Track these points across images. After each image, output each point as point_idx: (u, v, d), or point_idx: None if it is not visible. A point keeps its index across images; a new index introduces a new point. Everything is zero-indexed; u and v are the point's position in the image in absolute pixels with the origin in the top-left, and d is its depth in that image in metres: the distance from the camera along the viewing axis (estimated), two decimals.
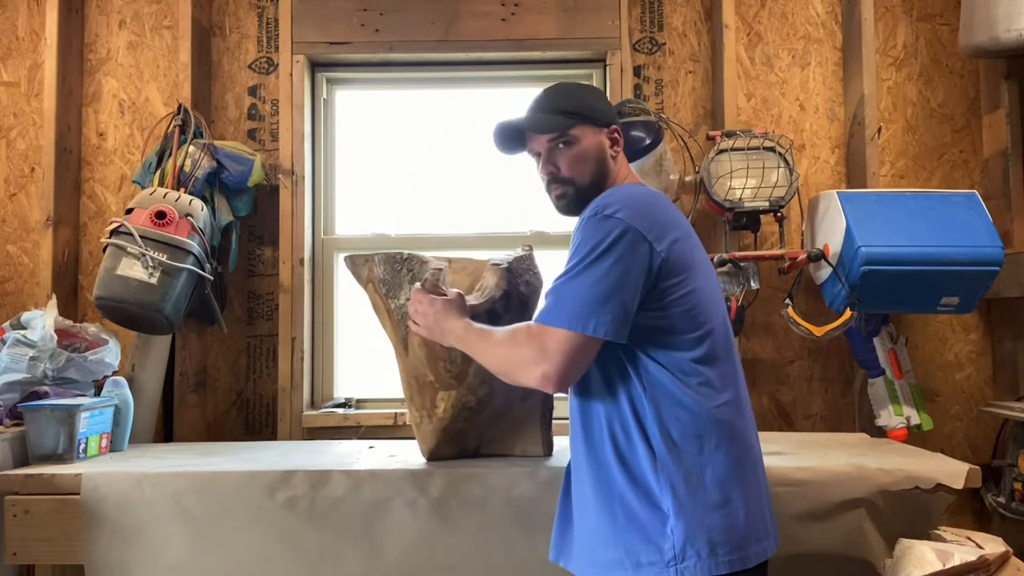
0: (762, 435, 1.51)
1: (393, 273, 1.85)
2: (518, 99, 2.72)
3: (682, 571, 1.28)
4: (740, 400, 1.41)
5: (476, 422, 1.88)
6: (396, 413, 2.47)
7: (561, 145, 1.50)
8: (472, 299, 1.74)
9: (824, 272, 2.29)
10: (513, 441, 1.90)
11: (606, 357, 1.38)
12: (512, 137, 1.56)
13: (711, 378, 1.36)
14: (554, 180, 1.51)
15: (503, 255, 1.87)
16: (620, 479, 1.35)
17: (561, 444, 2.03)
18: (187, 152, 2.38)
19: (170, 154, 2.39)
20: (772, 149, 2.34)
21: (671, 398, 1.34)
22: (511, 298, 1.79)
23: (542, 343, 1.35)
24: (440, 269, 1.79)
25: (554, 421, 2.02)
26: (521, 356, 1.39)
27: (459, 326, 1.55)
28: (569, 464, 1.54)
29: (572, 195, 1.50)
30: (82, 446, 1.94)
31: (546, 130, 1.50)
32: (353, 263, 1.91)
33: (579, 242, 1.37)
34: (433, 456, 1.89)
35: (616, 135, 1.53)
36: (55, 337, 2.13)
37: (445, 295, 1.62)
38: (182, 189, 2.33)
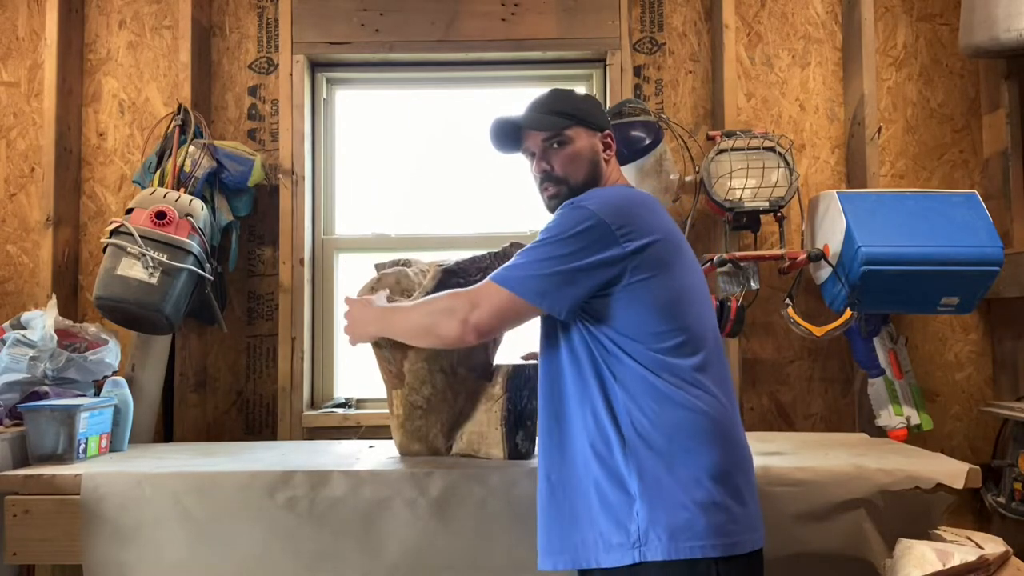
0: (762, 435, 1.52)
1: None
2: (518, 99, 2.73)
3: (644, 553, 1.32)
4: (719, 395, 1.42)
5: (434, 421, 1.91)
6: None
7: (556, 144, 1.55)
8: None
9: (824, 272, 2.29)
10: (477, 443, 1.90)
11: (579, 346, 1.44)
12: (508, 135, 1.61)
13: (684, 372, 1.39)
14: (547, 179, 1.57)
15: (471, 255, 1.89)
16: (594, 464, 1.40)
17: None
18: (187, 152, 2.38)
19: (170, 154, 2.39)
20: (772, 149, 2.34)
21: (642, 388, 1.38)
22: None
23: (475, 296, 1.46)
24: (387, 273, 1.87)
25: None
26: (443, 307, 1.50)
27: (374, 313, 1.67)
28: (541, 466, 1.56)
29: (564, 195, 1.55)
30: (82, 446, 1.94)
31: (542, 128, 1.56)
32: (376, 269, 1.98)
33: (551, 222, 1.46)
34: (403, 451, 1.95)
35: (609, 140, 1.59)
36: (55, 337, 2.13)
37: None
38: (182, 189, 2.33)
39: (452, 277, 1.81)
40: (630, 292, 1.40)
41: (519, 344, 2.00)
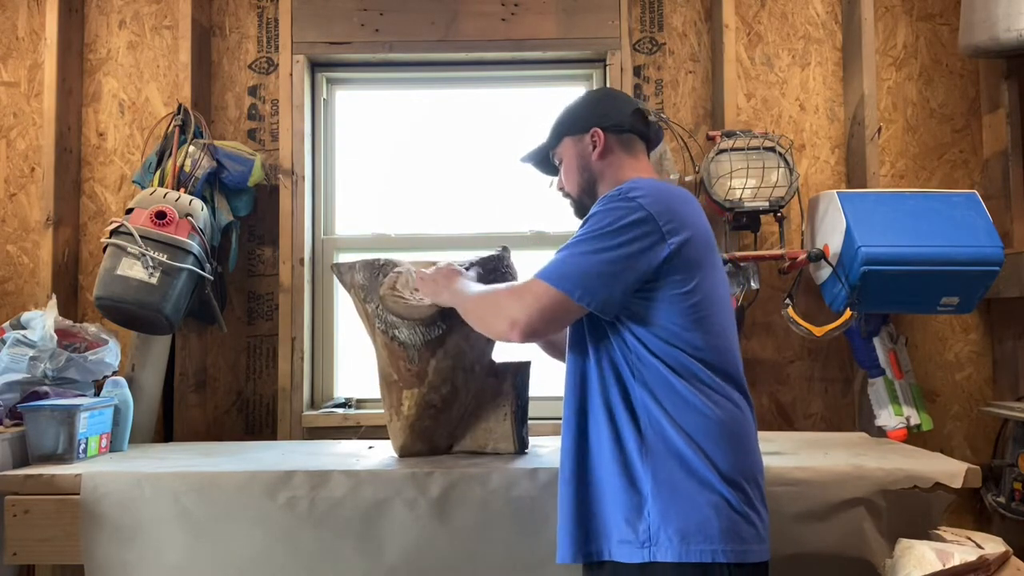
0: (762, 435, 1.51)
1: (371, 278, 1.89)
2: (518, 99, 2.73)
3: (654, 553, 1.32)
4: (739, 401, 1.42)
5: (444, 420, 1.91)
6: None
7: (558, 163, 1.63)
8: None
9: (824, 272, 2.29)
10: (485, 439, 1.91)
11: (603, 344, 1.44)
12: (540, 163, 1.69)
13: (707, 376, 1.38)
14: (563, 196, 1.64)
15: (473, 256, 1.89)
16: (612, 462, 1.39)
17: (555, 445, 2.03)
18: (187, 152, 2.38)
19: (170, 154, 2.39)
20: (772, 149, 2.34)
21: (663, 390, 1.37)
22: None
23: (522, 293, 1.42)
24: (400, 272, 1.86)
25: (543, 422, 2.03)
26: (497, 302, 1.49)
27: (456, 285, 1.67)
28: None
29: (575, 207, 1.62)
30: (82, 446, 1.94)
31: (535, 156, 1.67)
32: (339, 270, 1.96)
33: (594, 215, 1.41)
34: (405, 452, 1.94)
35: (596, 137, 1.56)
36: (55, 337, 2.13)
37: (404, 298, 1.78)
38: (182, 189, 2.33)
39: (481, 277, 1.83)
40: (663, 291, 1.38)
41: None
